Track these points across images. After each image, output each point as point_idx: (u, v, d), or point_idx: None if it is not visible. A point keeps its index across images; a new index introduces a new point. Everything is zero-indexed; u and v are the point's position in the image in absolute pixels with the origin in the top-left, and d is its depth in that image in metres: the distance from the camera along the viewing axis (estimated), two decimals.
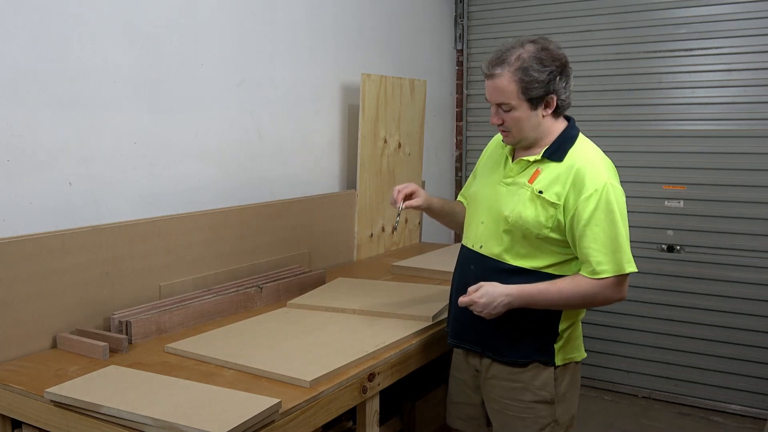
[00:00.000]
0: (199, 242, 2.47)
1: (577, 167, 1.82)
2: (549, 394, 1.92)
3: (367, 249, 3.39)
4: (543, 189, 1.84)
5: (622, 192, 1.83)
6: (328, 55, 3.24)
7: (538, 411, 1.92)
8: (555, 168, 1.86)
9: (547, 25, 4.05)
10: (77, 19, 2.14)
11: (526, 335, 1.91)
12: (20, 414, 1.72)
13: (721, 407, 3.72)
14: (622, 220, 1.80)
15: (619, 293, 1.83)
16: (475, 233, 1.98)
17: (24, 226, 2.02)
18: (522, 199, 1.87)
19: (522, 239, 1.87)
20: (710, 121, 3.67)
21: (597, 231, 1.77)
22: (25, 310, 1.95)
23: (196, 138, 2.58)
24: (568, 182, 1.82)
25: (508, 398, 1.94)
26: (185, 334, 2.12)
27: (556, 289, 1.81)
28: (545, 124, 1.88)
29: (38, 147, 2.07)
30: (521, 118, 1.85)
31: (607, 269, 1.78)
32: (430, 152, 4.12)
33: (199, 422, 1.44)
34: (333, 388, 1.75)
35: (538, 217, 1.83)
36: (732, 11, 3.55)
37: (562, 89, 1.84)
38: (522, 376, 1.92)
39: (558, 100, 1.85)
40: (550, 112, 1.87)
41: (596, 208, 1.77)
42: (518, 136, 1.89)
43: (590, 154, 1.88)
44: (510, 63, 1.82)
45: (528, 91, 1.81)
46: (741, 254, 3.62)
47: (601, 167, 1.84)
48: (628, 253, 1.80)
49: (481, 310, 1.83)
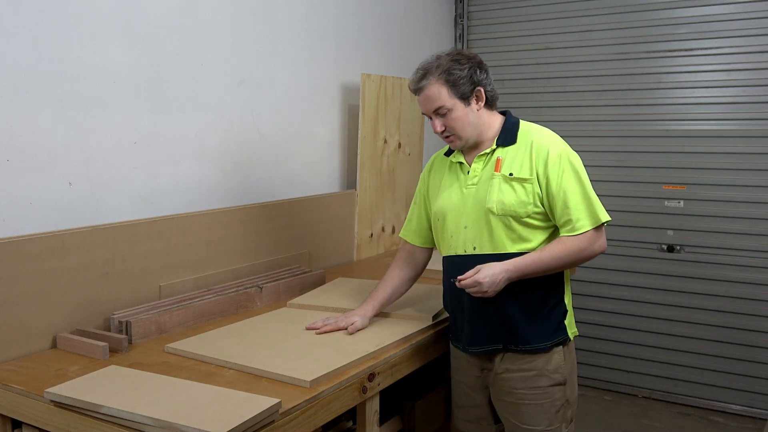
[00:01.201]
0: (199, 242, 2.47)
1: (534, 142, 1.97)
2: (561, 375, 2.00)
3: (367, 249, 3.39)
4: (512, 171, 1.96)
5: (575, 153, 1.99)
6: (328, 55, 3.24)
7: (553, 394, 1.99)
8: (513, 150, 1.99)
9: (547, 25, 4.05)
10: (77, 19, 2.14)
11: (543, 319, 1.99)
12: (20, 414, 1.72)
13: (721, 407, 3.73)
14: (586, 178, 1.95)
15: (600, 243, 1.95)
16: (463, 239, 2.02)
17: (24, 226, 2.02)
18: (498, 188, 1.96)
19: (511, 224, 1.95)
20: (710, 121, 3.67)
21: (569, 192, 1.91)
22: (25, 310, 1.95)
23: (196, 138, 2.58)
24: (532, 156, 1.95)
25: (523, 388, 1.99)
26: (185, 334, 2.12)
27: (547, 255, 1.92)
28: (483, 119, 2.01)
29: (38, 147, 2.07)
30: (459, 117, 1.97)
31: (585, 224, 1.91)
32: (430, 152, 4.12)
33: (199, 422, 1.44)
34: (333, 388, 1.75)
35: (520, 197, 1.94)
36: (732, 11, 3.55)
37: (485, 80, 1.99)
38: (535, 363, 1.98)
39: (486, 92, 1.99)
40: (482, 105, 2.00)
41: (563, 172, 1.92)
42: (463, 135, 2.00)
43: (538, 130, 2.03)
44: (432, 72, 1.97)
45: (456, 88, 1.95)
46: (741, 254, 3.62)
47: (553, 137, 2.00)
48: (597, 205, 1.93)
49: (486, 289, 1.89)
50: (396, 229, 3.60)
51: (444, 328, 2.27)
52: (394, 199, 3.56)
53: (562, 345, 2.01)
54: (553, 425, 2.00)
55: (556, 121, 3.89)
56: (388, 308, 2.31)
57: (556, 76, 4.04)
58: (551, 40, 4.05)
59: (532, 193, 1.93)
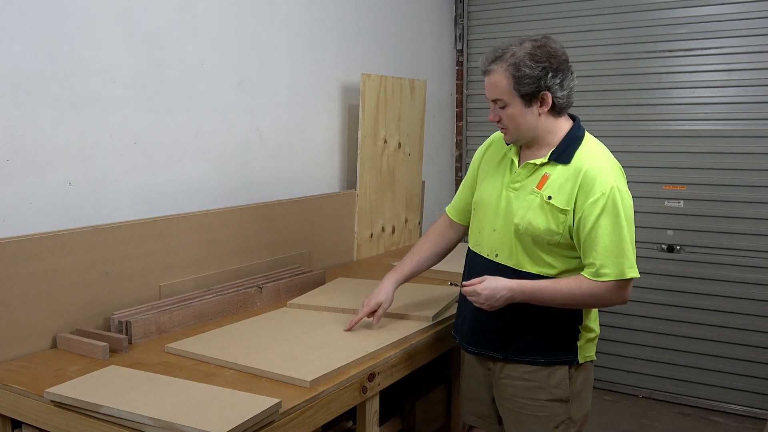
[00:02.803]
0: (199, 242, 2.47)
1: (585, 170, 1.82)
2: (564, 392, 1.92)
3: (367, 249, 3.39)
4: (552, 195, 1.84)
5: (629, 195, 1.83)
6: (328, 55, 3.23)
7: (553, 409, 1.92)
8: (563, 171, 1.85)
9: (547, 25, 4.05)
10: (77, 19, 2.14)
11: (549, 338, 1.91)
12: (20, 414, 1.72)
13: (721, 407, 3.72)
14: (628, 224, 1.80)
15: (620, 297, 1.83)
16: (489, 241, 1.96)
17: (24, 226, 2.02)
18: (531, 206, 1.86)
19: (533, 245, 1.87)
20: (710, 121, 3.67)
21: (602, 235, 1.77)
22: (25, 310, 1.95)
23: (196, 138, 2.58)
24: (576, 186, 1.81)
25: (523, 397, 1.93)
26: (185, 334, 2.12)
27: (558, 287, 1.82)
28: (544, 123, 1.87)
29: (38, 147, 2.07)
30: (515, 115, 1.85)
31: (609, 273, 1.78)
32: (430, 152, 4.12)
33: (199, 422, 1.44)
34: (333, 388, 1.75)
35: (549, 225, 1.83)
36: (732, 11, 3.55)
37: (556, 86, 1.82)
38: (537, 375, 1.91)
39: (554, 98, 1.83)
40: (546, 110, 1.85)
41: (602, 212, 1.77)
42: (515, 134, 1.89)
43: (597, 156, 1.86)
44: (504, 59, 1.82)
45: (519, 86, 1.81)
46: (741, 254, 3.62)
47: (608, 170, 1.83)
48: (630, 259, 1.80)
49: (483, 301, 1.84)
50: (396, 229, 3.60)
51: (444, 328, 2.27)
52: (394, 199, 3.56)
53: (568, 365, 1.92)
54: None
55: None
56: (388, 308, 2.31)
57: None
58: None
59: (563, 225, 1.83)
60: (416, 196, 3.75)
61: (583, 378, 1.96)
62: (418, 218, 3.79)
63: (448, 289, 2.58)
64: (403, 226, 3.66)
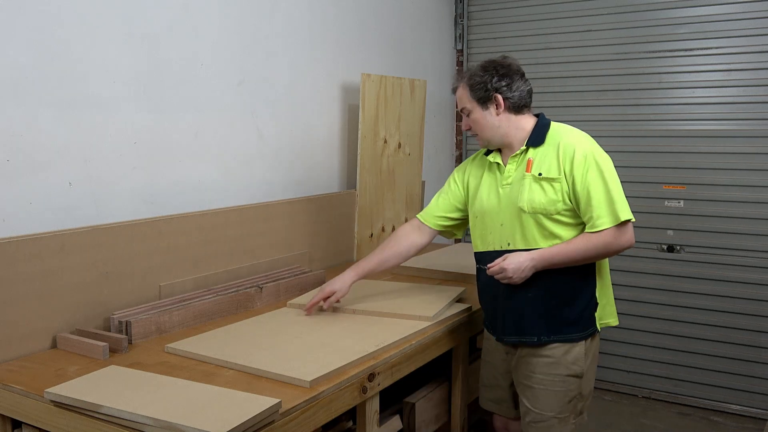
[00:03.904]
0: (199, 242, 2.47)
1: (562, 143, 2.07)
2: (579, 368, 2.10)
3: (367, 249, 3.39)
4: (541, 171, 2.07)
5: (604, 153, 2.08)
6: (328, 55, 3.24)
7: (568, 384, 2.10)
8: (542, 151, 2.10)
9: (547, 25, 4.05)
10: (77, 19, 2.14)
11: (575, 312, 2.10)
12: (20, 414, 1.72)
13: (721, 407, 3.72)
14: (611, 177, 2.03)
15: (625, 240, 2.02)
16: (499, 235, 2.15)
17: (24, 226, 2.02)
18: (528, 187, 2.08)
19: (542, 220, 2.07)
20: (710, 121, 3.67)
21: (592, 191, 2.01)
22: (25, 310, 1.95)
23: (196, 138, 2.58)
24: (559, 156, 2.06)
25: (542, 373, 2.10)
26: (185, 334, 2.12)
27: (572, 247, 2.03)
28: (506, 121, 2.13)
29: (38, 147, 2.07)
30: (478, 118, 2.14)
31: (605, 221, 2.00)
32: (430, 152, 4.12)
33: (199, 422, 1.44)
34: (333, 388, 1.75)
35: (549, 196, 2.05)
36: (732, 11, 3.55)
37: (504, 88, 2.10)
38: (555, 352, 2.09)
39: (504, 98, 2.10)
40: (502, 110, 2.12)
41: (588, 171, 2.02)
42: (483, 136, 2.16)
43: (567, 131, 2.13)
44: (463, 76, 2.19)
45: (473, 92, 2.12)
46: (741, 254, 3.62)
47: (581, 138, 2.10)
48: (620, 204, 2.00)
49: (511, 275, 2.03)
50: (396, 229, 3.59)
51: (444, 328, 2.27)
52: (394, 199, 3.56)
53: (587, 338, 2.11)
54: (563, 414, 2.11)
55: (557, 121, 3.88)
56: (388, 308, 2.32)
57: (556, 76, 4.04)
58: (551, 40, 4.05)
59: (560, 191, 2.05)
60: (416, 196, 3.75)
61: (594, 353, 2.16)
62: None
63: (448, 289, 2.59)
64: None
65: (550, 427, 2.11)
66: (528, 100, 2.15)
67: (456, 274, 2.86)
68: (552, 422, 2.10)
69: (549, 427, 2.11)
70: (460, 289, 2.57)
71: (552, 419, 2.10)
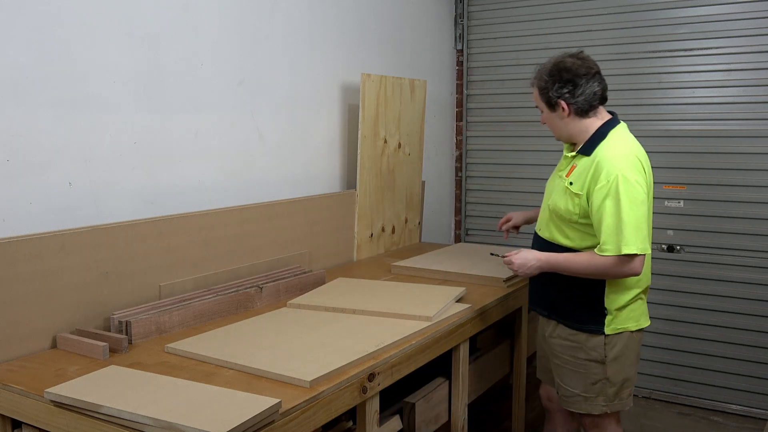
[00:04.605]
0: (199, 242, 2.47)
1: (598, 160, 2.15)
2: (599, 355, 2.25)
3: (367, 249, 3.39)
4: (573, 181, 2.22)
5: (636, 181, 2.09)
6: (328, 55, 3.24)
7: (590, 368, 2.27)
8: (585, 162, 2.21)
9: (547, 25, 4.05)
10: (77, 19, 2.14)
11: (582, 308, 2.26)
12: (20, 414, 1.72)
13: (721, 407, 3.73)
14: (631, 206, 2.06)
15: (626, 270, 2.11)
16: (540, 219, 2.44)
17: (24, 226, 2.02)
18: (558, 190, 2.28)
19: (560, 221, 2.26)
20: (710, 121, 3.67)
21: (605, 216, 2.10)
22: (25, 310, 1.95)
23: (196, 138, 2.58)
24: (590, 174, 2.16)
25: (567, 355, 2.31)
26: (185, 334, 2.12)
27: (577, 260, 2.18)
28: (574, 124, 2.24)
29: (38, 147, 2.07)
30: (547, 118, 2.30)
31: (609, 249, 2.09)
32: (430, 152, 4.12)
33: (199, 422, 1.44)
34: (333, 388, 1.75)
35: (567, 206, 2.22)
36: (732, 11, 3.55)
37: (567, 95, 2.19)
38: (577, 337, 2.28)
39: (569, 105, 2.20)
40: (568, 114, 2.23)
41: (605, 197, 2.10)
42: (555, 133, 2.34)
43: (615, 147, 2.17)
44: (535, 76, 2.29)
45: (541, 96, 2.27)
46: (741, 254, 3.62)
47: (619, 159, 2.12)
48: (628, 237, 2.06)
49: (516, 269, 2.26)
50: (396, 229, 3.60)
51: (444, 328, 2.27)
52: (394, 199, 3.56)
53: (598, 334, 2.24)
54: (588, 393, 2.28)
55: None
56: (388, 308, 2.32)
57: None
58: (551, 40, 4.05)
59: (579, 206, 2.19)
60: (416, 196, 3.75)
61: (622, 346, 2.25)
62: (418, 218, 3.79)
63: (448, 289, 2.59)
64: (403, 226, 3.66)
65: (576, 403, 2.32)
66: (596, 101, 2.21)
67: (456, 274, 2.86)
68: (578, 399, 2.31)
69: (576, 402, 2.32)
70: (460, 289, 2.57)
71: (578, 396, 2.30)
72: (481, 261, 3.06)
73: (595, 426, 2.35)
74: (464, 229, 4.48)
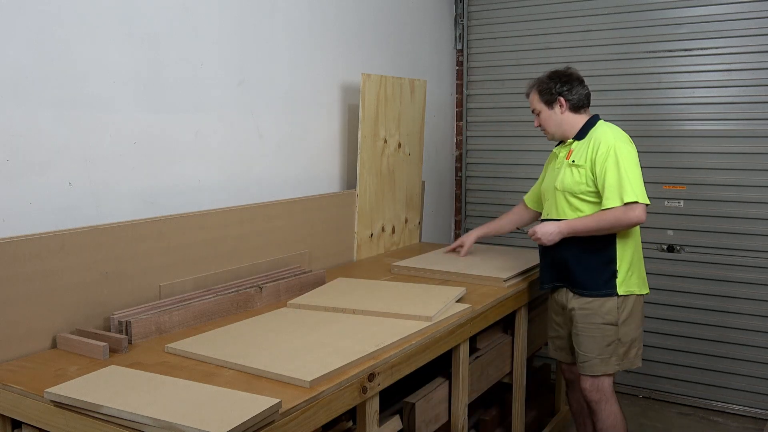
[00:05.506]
0: (199, 242, 2.47)
1: (594, 137, 2.62)
2: (613, 317, 2.61)
3: (367, 249, 3.39)
4: (575, 159, 2.63)
5: (629, 147, 2.57)
6: (328, 55, 3.24)
7: (605, 330, 2.61)
8: (581, 143, 2.66)
9: (547, 25, 4.05)
10: (77, 19, 2.14)
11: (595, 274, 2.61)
12: (20, 414, 1.72)
13: (721, 407, 3.73)
14: (627, 165, 2.50)
15: (633, 216, 2.47)
16: (546, 208, 2.79)
17: (24, 226, 2.02)
18: (563, 171, 2.67)
19: (570, 198, 2.63)
20: (710, 121, 3.67)
21: (607, 176, 2.51)
22: (25, 310, 1.95)
23: (196, 138, 2.58)
24: (589, 148, 2.60)
25: (584, 323, 2.64)
26: (185, 334, 2.12)
27: (589, 219, 2.56)
28: (567, 119, 2.69)
29: (38, 147, 2.07)
30: (545, 117, 2.72)
31: (612, 201, 2.50)
32: (430, 152, 4.12)
33: (199, 422, 1.44)
34: (333, 388, 1.75)
35: (574, 178, 2.61)
36: (732, 11, 3.55)
37: (566, 92, 2.67)
38: (591, 305, 2.62)
39: (566, 100, 2.66)
40: (565, 110, 2.68)
41: (606, 160, 2.53)
42: (548, 131, 2.74)
43: (604, 128, 2.64)
44: (534, 84, 2.76)
45: (542, 96, 2.70)
46: (741, 254, 3.62)
47: (611, 134, 2.60)
48: (629, 188, 2.47)
49: (540, 236, 2.63)
50: (396, 229, 3.60)
51: (444, 328, 2.27)
52: (394, 199, 3.56)
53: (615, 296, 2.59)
54: (603, 355, 2.62)
55: None
56: (388, 308, 2.32)
57: None
58: (551, 40, 4.05)
59: (584, 176, 2.58)
60: (416, 196, 3.75)
61: (630, 309, 2.62)
62: (418, 218, 3.79)
63: (448, 289, 2.59)
64: (403, 227, 3.66)
65: (593, 366, 2.64)
66: (585, 101, 2.70)
67: (456, 274, 2.86)
68: (595, 362, 2.63)
69: (592, 365, 2.64)
70: (460, 289, 2.57)
71: (594, 359, 2.63)
72: (481, 261, 3.06)
73: (596, 389, 2.66)
74: (464, 229, 4.48)
